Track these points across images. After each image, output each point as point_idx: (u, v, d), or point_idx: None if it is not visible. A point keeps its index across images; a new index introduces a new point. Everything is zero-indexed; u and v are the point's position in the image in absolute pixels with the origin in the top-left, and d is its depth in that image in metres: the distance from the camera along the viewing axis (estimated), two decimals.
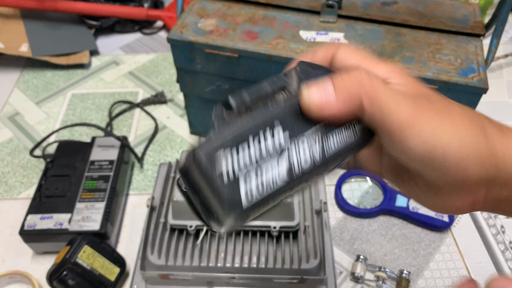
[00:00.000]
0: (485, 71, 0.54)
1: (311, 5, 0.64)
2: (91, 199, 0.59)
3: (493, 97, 0.83)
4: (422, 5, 0.65)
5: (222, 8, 0.65)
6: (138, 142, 0.76)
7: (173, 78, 0.89)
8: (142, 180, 0.70)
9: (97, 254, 0.54)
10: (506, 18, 0.55)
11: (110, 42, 0.99)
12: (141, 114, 0.81)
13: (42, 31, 0.93)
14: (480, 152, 0.21)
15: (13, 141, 0.77)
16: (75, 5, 0.91)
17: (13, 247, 0.62)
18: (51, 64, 0.91)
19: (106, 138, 0.68)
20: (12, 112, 0.82)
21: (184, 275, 0.53)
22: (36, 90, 0.87)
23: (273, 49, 0.58)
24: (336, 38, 0.59)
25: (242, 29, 0.61)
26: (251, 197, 0.21)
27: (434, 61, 0.56)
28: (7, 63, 0.92)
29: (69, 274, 0.51)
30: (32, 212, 0.58)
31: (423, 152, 0.21)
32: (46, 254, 0.61)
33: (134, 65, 0.92)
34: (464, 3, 0.65)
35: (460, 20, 0.62)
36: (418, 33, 0.60)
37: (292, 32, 0.60)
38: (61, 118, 0.81)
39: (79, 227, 0.56)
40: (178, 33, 0.61)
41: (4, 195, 0.68)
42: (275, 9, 0.64)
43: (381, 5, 0.65)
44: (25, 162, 0.73)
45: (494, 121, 0.24)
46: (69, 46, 0.92)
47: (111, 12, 0.94)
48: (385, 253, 0.61)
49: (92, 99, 0.84)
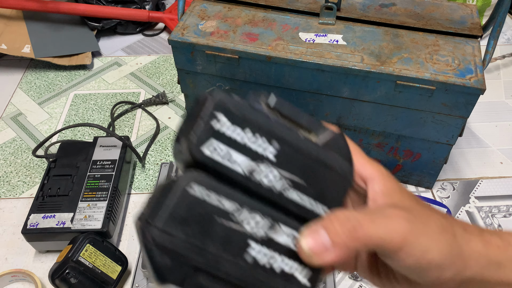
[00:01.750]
0: (483, 72, 0.55)
1: (310, 7, 0.65)
2: (93, 198, 0.60)
3: (491, 97, 0.84)
4: (420, 7, 0.65)
5: (222, 10, 0.66)
6: (140, 142, 0.77)
7: (174, 79, 0.89)
8: (144, 180, 0.71)
9: (99, 253, 0.54)
10: (503, 19, 0.55)
11: (112, 43, 1.00)
12: (142, 114, 0.82)
13: (44, 33, 0.94)
14: (453, 256, 0.25)
15: (16, 141, 0.77)
16: (77, 7, 0.91)
17: (16, 246, 0.62)
18: (53, 65, 0.92)
19: (108, 138, 0.69)
20: (15, 113, 0.83)
21: None
22: (39, 90, 0.87)
23: (273, 50, 0.59)
24: (335, 40, 0.60)
25: (242, 31, 0.62)
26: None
27: (432, 62, 0.56)
28: (10, 64, 0.93)
29: (71, 272, 0.52)
30: (35, 211, 0.59)
31: (414, 263, 0.25)
32: (49, 252, 0.61)
33: (136, 66, 0.93)
34: (462, 5, 0.66)
35: (457, 21, 0.63)
36: (416, 34, 0.61)
37: (291, 34, 0.61)
38: (64, 118, 0.81)
39: (81, 226, 0.57)
40: (179, 34, 0.61)
41: (7, 195, 0.69)
42: (275, 11, 0.65)
43: (379, 7, 0.65)
44: (28, 162, 0.74)
45: (461, 222, 0.27)
46: (71, 47, 0.92)
47: (113, 14, 0.95)
48: None
49: (94, 100, 0.85)
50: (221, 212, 0.23)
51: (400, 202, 0.27)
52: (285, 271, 0.25)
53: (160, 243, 0.22)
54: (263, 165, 0.25)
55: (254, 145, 0.25)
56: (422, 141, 0.62)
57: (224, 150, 0.24)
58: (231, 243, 0.23)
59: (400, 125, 0.61)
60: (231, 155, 0.24)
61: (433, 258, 0.24)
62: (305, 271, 0.25)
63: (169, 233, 0.22)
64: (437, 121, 0.59)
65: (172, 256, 0.22)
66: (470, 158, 0.74)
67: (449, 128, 0.59)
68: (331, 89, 0.60)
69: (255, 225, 0.24)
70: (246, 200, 0.24)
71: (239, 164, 0.24)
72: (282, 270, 0.25)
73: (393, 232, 0.24)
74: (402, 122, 0.61)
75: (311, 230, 0.24)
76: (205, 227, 0.23)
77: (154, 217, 0.23)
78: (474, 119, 0.80)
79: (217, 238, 0.23)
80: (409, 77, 0.55)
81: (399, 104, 0.58)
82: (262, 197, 0.25)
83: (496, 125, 0.79)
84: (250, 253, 0.24)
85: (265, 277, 0.24)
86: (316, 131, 0.28)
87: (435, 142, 0.62)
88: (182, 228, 0.22)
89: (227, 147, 0.24)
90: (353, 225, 0.24)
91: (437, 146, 0.62)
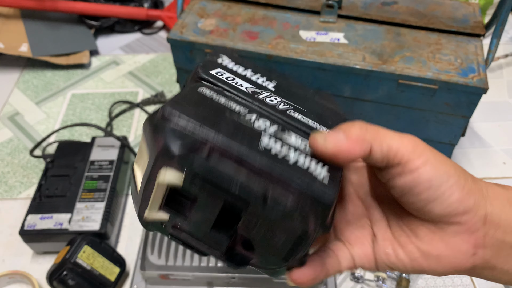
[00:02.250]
0: (485, 71, 0.54)
1: (311, 5, 0.64)
2: (91, 199, 0.59)
3: (493, 97, 0.83)
4: (422, 5, 0.65)
5: (222, 8, 0.65)
6: (138, 142, 0.76)
7: (173, 78, 0.89)
8: None
9: (97, 254, 0.54)
10: (506, 18, 0.55)
11: (110, 42, 0.99)
12: (141, 114, 0.81)
13: (42, 31, 0.93)
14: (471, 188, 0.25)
15: (13, 141, 0.77)
16: (75, 5, 0.91)
17: (13, 247, 0.62)
18: (51, 64, 0.91)
19: (106, 138, 0.68)
20: (12, 112, 0.82)
21: (184, 275, 0.53)
22: (36, 90, 0.87)
23: (273, 49, 0.58)
24: (336, 38, 0.59)
25: (242, 29, 0.61)
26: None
27: (434, 61, 0.56)
28: (7, 63, 0.92)
29: (69, 274, 0.51)
30: (32, 212, 0.58)
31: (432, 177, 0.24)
32: (46, 254, 0.61)
33: (134, 65, 0.92)
34: (464, 3, 0.65)
35: (460, 20, 0.62)
36: (418, 33, 0.60)
37: (292, 32, 0.60)
38: (61, 118, 0.81)
39: (79, 227, 0.56)
40: (178, 33, 0.61)
41: (4, 195, 0.68)
42: (275, 9, 0.64)
43: (381, 5, 0.65)
44: (25, 162, 0.73)
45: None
46: (69, 46, 0.92)
47: (111, 12, 0.94)
48: None
49: (92, 99, 0.84)
50: (231, 111, 0.23)
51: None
52: (299, 163, 0.23)
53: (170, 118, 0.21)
54: (265, 91, 0.26)
55: (255, 79, 0.27)
56: (424, 141, 0.62)
57: (229, 75, 0.26)
58: (242, 133, 0.22)
59: (402, 125, 0.60)
60: (235, 80, 0.26)
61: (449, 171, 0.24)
62: (320, 169, 0.23)
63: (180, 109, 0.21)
64: (439, 120, 0.58)
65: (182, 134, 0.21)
66: (473, 158, 0.73)
67: (451, 128, 0.59)
68: (332, 88, 0.59)
69: (264, 126, 0.24)
70: (254, 107, 0.25)
71: (243, 86, 0.26)
72: (296, 161, 0.23)
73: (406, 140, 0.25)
74: (404, 122, 0.60)
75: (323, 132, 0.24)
76: (216, 117, 0.22)
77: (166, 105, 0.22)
78: (476, 118, 0.79)
79: (229, 127, 0.22)
80: (411, 76, 0.54)
81: (401, 103, 0.58)
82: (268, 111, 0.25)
83: (499, 125, 0.79)
84: (262, 143, 0.22)
85: (278, 163, 0.22)
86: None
87: (438, 142, 0.61)
88: (195, 109, 0.22)
89: (231, 74, 0.26)
90: (366, 126, 0.24)
91: (439, 146, 0.61)
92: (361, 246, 0.28)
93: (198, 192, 0.21)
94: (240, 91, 0.25)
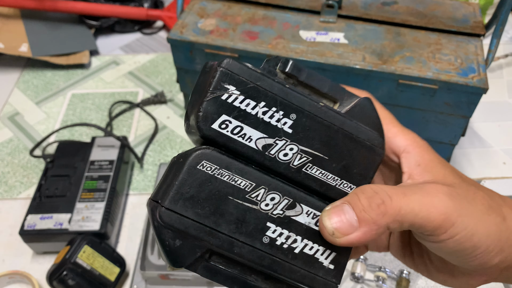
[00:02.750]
0: (485, 71, 0.54)
1: (311, 5, 0.64)
2: (91, 199, 0.59)
3: (493, 97, 0.83)
4: (422, 5, 0.65)
5: (222, 8, 0.65)
6: (138, 142, 0.76)
7: (173, 78, 0.88)
8: (142, 180, 0.70)
9: (97, 254, 0.54)
10: (506, 18, 0.55)
11: (110, 42, 0.99)
12: (141, 114, 0.81)
13: (42, 31, 0.93)
14: (501, 241, 0.22)
15: (13, 141, 0.77)
16: (75, 5, 0.91)
17: (13, 247, 0.62)
18: (51, 64, 0.91)
19: (106, 138, 0.68)
20: (12, 112, 0.82)
21: (184, 275, 0.53)
22: (36, 90, 0.87)
23: (273, 49, 0.58)
24: (336, 38, 0.59)
25: (242, 29, 0.61)
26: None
27: (434, 61, 0.56)
28: (7, 63, 0.92)
29: (69, 274, 0.51)
30: (32, 212, 0.58)
31: (457, 247, 0.21)
32: (46, 254, 0.61)
33: (134, 65, 0.92)
34: (464, 3, 0.65)
35: (460, 20, 0.62)
36: (418, 33, 0.60)
37: (292, 32, 0.60)
38: (61, 118, 0.81)
39: (79, 227, 0.56)
40: (178, 33, 0.61)
41: (4, 195, 0.68)
42: (275, 9, 0.64)
43: (381, 5, 0.65)
44: (25, 162, 0.73)
45: (509, 200, 0.24)
46: (69, 46, 0.91)
47: (111, 12, 0.94)
48: (385, 253, 0.61)
49: (92, 99, 0.84)
50: (235, 190, 0.22)
51: (441, 177, 0.23)
52: (305, 253, 0.23)
53: (168, 223, 0.21)
54: (279, 140, 0.23)
55: (269, 118, 0.23)
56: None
57: (236, 125, 0.22)
58: (246, 224, 0.22)
59: (402, 125, 0.60)
60: (243, 130, 0.22)
61: (479, 241, 0.21)
62: (328, 252, 0.23)
63: (177, 212, 0.21)
64: (439, 120, 0.58)
65: (182, 237, 0.21)
66: (473, 158, 0.73)
67: (451, 128, 0.59)
68: None
69: (272, 205, 0.22)
70: (262, 177, 0.22)
71: (253, 139, 0.22)
72: (302, 251, 0.23)
73: (432, 208, 0.20)
74: (404, 122, 0.59)
75: (334, 206, 0.22)
76: (217, 206, 0.21)
77: (162, 196, 0.21)
78: (476, 118, 0.79)
79: (231, 218, 0.21)
80: (411, 76, 0.54)
81: (401, 103, 0.58)
82: (280, 174, 0.23)
83: (499, 125, 0.79)
84: (267, 234, 0.22)
85: (283, 258, 0.22)
86: (339, 97, 0.25)
87: (438, 142, 0.61)
88: (192, 207, 0.21)
89: (239, 122, 0.22)
90: (382, 198, 0.21)
91: (439, 146, 0.61)
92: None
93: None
94: (249, 149, 0.22)
